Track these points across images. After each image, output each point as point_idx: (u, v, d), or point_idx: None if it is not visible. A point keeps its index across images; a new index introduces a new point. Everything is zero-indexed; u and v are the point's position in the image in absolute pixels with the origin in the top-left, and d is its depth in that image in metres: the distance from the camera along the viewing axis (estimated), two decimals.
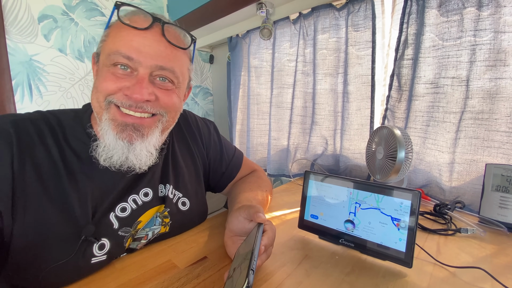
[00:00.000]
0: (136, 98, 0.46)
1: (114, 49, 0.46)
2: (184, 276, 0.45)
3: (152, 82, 0.48)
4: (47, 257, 0.42)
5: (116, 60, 0.45)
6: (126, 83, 0.46)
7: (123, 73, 0.46)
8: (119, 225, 0.49)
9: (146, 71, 0.47)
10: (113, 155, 0.47)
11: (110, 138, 0.46)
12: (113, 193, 0.50)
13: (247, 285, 0.30)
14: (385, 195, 0.48)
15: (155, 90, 0.48)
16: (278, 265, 0.48)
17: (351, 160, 1.04)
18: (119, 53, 0.45)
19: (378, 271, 0.46)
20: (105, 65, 0.47)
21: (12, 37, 1.12)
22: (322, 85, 1.08)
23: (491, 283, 0.43)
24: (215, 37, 1.56)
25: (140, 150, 0.48)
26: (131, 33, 0.46)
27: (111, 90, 0.46)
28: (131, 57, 0.45)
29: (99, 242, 0.46)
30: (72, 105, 1.30)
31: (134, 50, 0.45)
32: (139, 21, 0.47)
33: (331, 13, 1.02)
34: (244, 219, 0.48)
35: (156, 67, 0.47)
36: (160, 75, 0.49)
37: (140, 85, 0.46)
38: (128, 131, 0.47)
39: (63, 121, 0.50)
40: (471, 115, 0.73)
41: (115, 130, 0.47)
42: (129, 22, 0.46)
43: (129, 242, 0.52)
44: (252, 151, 1.42)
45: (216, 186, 0.76)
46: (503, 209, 0.62)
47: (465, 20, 0.71)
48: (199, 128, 0.72)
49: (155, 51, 0.47)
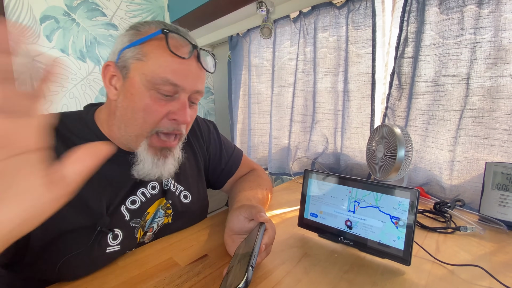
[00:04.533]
0: (183, 122, 0.51)
1: (162, 76, 0.47)
2: (185, 273, 0.46)
3: (188, 105, 0.53)
4: (64, 248, 0.44)
5: (162, 87, 0.48)
6: (170, 108, 0.50)
7: (165, 99, 0.49)
8: (130, 216, 0.53)
9: (186, 95, 0.51)
10: (150, 174, 0.52)
11: (148, 162, 0.52)
12: (124, 187, 0.53)
13: (246, 280, 0.31)
14: (384, 194, 0.48)
15: (190, 112, 0.53)
16: (278, 263, 0.48)
17: (351, 159, 1.04)
18: (167, 81, 0.48)
19: (377, 269, 0.46)
20: (145, 88, 0.48)
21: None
22: (322, 83, 1.08)
23: (489, 281, 0.43)
24: (215, 36, 1.57)
25: (170, 164, 0.54)
26: (176, 61, 0.48)
27: (159, 119, 0.50)
28: (178, 84, 0.49)
29: (113, 233, 0.50)
30: (75, 105, 1.31)
31: (181, 78, 0.49)
32: (183, 49, 0.50)
33: (331, 11, 1.02)
34: (244, 219, 0.49)
35: (194, 92, 0.52)
36: (195, 98, 0.54)
37: (185, 110, 0.51)
38: (164, 153, 0.53)
39: (67, 123, 0.52)
40: (472, 113, 0.73)
41: (153, 153, 0.52)
42: (174, 51, 0.48)
43: (140, 234, 0.55)
44: (253, 149, 1.42)
45: (216, 182, 0.78)
46: (503, 207, 0.63)
47: (466, 17, 0.71)
48: (199, 126, 0.74)
49: (195, 77, 0.51)
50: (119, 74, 0.50)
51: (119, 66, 0.50)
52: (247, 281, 0.31)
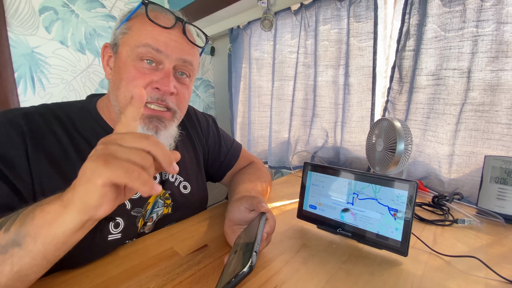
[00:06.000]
0: (165, 90, 0.49)
1: (143, 42, 0.48)
2: (185, 263, 0.46)
3: (174, 76, 0.52)
4: None
5: (145, 53, 0.48)
6: (154, 77, 0.49)
7: (149, 68, 0.49)
8: (131, 205, 0.54)
9: (171, 64, 0.50)
10: None
11: (138, 131, 0.50)
12: None
13: (251, 264, 0.31)
14: (383, 186, 0.49)
15: (176, 84, 0.52)
16: (277, 253, 0.49)
17: (351, 153, 1.04)
18: (148, 46, 0.48)
19: (374, 260, 0.47)
20: (130, 58, 0.49)
21: (14, 29, 1.12)
22: (323, 77, 1.08)
23: (485, 272, 0.44)
24: (216, 29, 1.55)
25: (164, 140, 0.52)
26: (156, 29, 0.49)
27: (142, 87, 0.49)
28: (160, 49, 0.48)
29: (115, 221, 0.50)
30: (75, 97, 1.30)
31: (162, 44, 0.49)
32: (164, 19, 0.50)
33: (332, 4, 1.01)
34: (245, 209, 0.49)
35: (180, 60, 0.51)
36: (181, 69, 0.53)
37: (168, 79, 0.49)
38: (154, 123, 0.51)
39: (70, 112, 0.52)
40: (472, 107, 0.73)
41: (142, 123, 0.50)
42: (155, 20, 0.49)
43: (141, 223, 0.56)
44: (253, 143, 1.43)
45: (215, 175, 0.79)
46: (501, 200, 0.63)
47: (468, 10, 0.70)
48: (198, 119, 0.76)
49: (179, 46, 0.51)
50: (112, 53, 0.53)
51: (112, 45, 0.52)
52: (251, 266, 0.31)
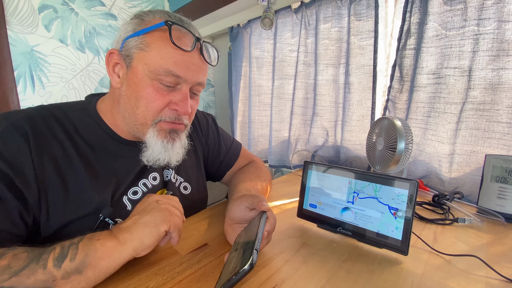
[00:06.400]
0: (184, 112, 0.52)
1: (164, 67, 0.48)
2: (185, 261, 0.46)
3: (190, 96, 0.53)
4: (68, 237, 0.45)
5: (165, 78, 0.49)
6: (172, 98, 0.51)
7: (167, 89, 0.50)
8: (132, 207, 0.54)
9: (188, 87, 0.52)
10: (159, 158, 0.54)
11: (158, 146, 0.52)
12: (127, 178, 0.55)
13: (251, 262, 0.31)
14: (383, 185, 0.49)
15: (190, 102, 0.54)
16: (277, 252, 0.49)
17: (351, 152, 1.04)
18: (169, 72, 0.48)
19: (375, 258, 0.47)
20: (147, 77, 0.49)
21: (13, 28, 1.11)
22: (323, 75, 1.08)
23: (485, 271, 0.44)
24: (216, 27, 1.55)
25: (178, 149, 0.55)
26: (178, 53, 0.49)
27: (160, 109, 0.51)
28: (180, 76, 0.49)
29: (115, 223, 0.51)
30: (74, 96, 1.30)
31: (182, 69, 0.49)
32: (185, 41, 0.50)
33: (333, 2, 1.01)
34: (245, 208, 0.50)
35: (196, 83, 0.53)
36: (196, 89, 0.55)
37: (186, 101, 0.52)
38: (173, 135, 0.54)
39: (70, 114, 0.52)
40: (473, 106, 0.73)
41: (161, 138, 0.52)
42: (176, 42, 0.48)
43: None
44: (253, 142, 1.42)
45: (215, 174, 0.79)
46: (501, 199, 0.63)
47: (469, 8, 0.70)
48: (198, 118, 0.75)
49: (197, 69, 0.52)
50: (122, 63, 0.51)
51: (123, 55, 0.51)
52: (252, 263, 0.31)
